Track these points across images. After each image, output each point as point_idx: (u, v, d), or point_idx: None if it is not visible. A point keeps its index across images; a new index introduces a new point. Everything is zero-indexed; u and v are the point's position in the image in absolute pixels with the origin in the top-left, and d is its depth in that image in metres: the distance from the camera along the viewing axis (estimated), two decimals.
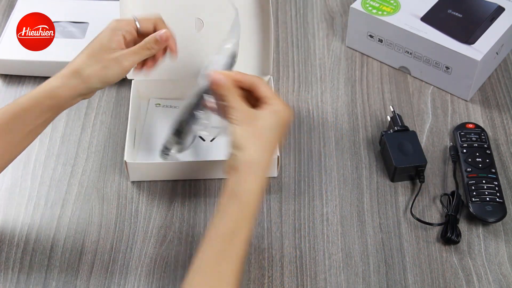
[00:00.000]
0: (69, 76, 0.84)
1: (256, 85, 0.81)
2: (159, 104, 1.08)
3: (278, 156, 0.97)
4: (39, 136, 1.05)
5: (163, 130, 1.04)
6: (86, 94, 0.86)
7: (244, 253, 0.76)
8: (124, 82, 1.09)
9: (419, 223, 0.95)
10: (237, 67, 0.95)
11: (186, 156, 0.99)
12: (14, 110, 0.83)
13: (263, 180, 0.78)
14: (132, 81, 1.06)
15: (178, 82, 1.07)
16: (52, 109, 0.85)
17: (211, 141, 1.03)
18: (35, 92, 0.84)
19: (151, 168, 0.99)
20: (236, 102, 0.79)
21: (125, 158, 0.96)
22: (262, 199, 0.79)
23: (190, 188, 0.99)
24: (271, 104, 0.79)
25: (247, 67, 1.06)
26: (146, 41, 0.85)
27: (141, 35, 0.88)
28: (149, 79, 1.06)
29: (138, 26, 0.86)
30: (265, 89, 0.81)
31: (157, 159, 0.99)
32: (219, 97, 0.81)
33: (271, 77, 1.07)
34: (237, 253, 0.75)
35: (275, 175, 1.00)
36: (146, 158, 1.01)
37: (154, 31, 0.88)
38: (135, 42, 0.88)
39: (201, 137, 1.03)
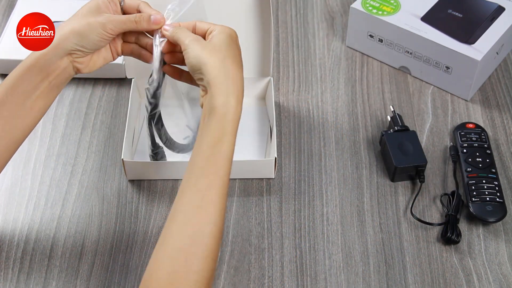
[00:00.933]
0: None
1: (195, 25, 0.85)
2: None
3: (275, 158, 0.97)
4: (39, 136, 1.05)
5: None
6: (72, 53, 0.83)
7: (227, 169, 0.75)
8: (124, 82, 1.09)
9: (419, 223, 0.95)
10: None
11: (182, 156, 0.99)
12: (6, 82, 0.82)
13: (237, 91, 0.78)
14: (132, 80, 1.06)
15: (177, 81, 1.07)
16: (40, 72, 0.82)
17: None
18: (23, 60, 0.83)
19: (148, 167, 0.98)
20: (187, 32, 0.82)
21: (122, 157, 0.96)
22: (239, 112, 0.78)
23: None
24: (215, 29, 0.82)
25: (246, 68, 1.05)
26: (138, 15, 0.85)
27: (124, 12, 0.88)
28: None
29: (122, 4, 0.86)
30: (204, 24, 0.84)
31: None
32: (174, 44, 0.84)
33: (271, 78, 1.07)
34: (218, 169, 0.74)
35: (273, 177, 1.00)
36: (144, 157, 1.01)
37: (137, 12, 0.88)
38: None
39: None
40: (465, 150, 1.01)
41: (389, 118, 1.05)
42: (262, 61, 1.06)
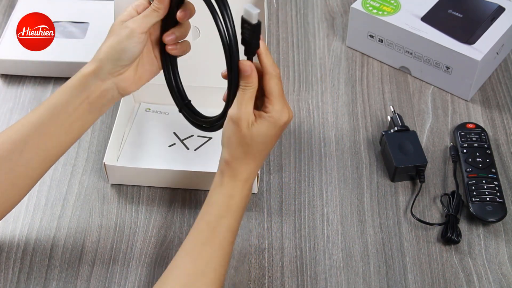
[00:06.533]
0: (91, 61, 0.83)
1: (266, 78, 0.77)
2: (149, 109, 1.08)
3: (257, 173, 0.95)
4: None
5: (149, 135, 1.03)
6: (113, 72, 0.82)
7: (230, 240, 0.79)
8: None
9: (419, 223, 0.95)
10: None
11: (168, 164, 0.99)
12: (49, 101, 0.82)
13: (246, 176, 0.80)
14: None
15: None
16: (80, 94, 0.82)
17: (195, 150, 1.02)
18: (68, 81, 0.83)
19: (131, 173, 0.97)
20: (247, 103, 0.77)
21: (104, 160, 0.96)
22: (245, 193, 0.80)
23: (190, 188, 0.99)
24: (270, 111, 0.77)
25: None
26: (153, 3, 0.82)
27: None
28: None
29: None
30: (272, 85, 0.77)
31: (138, 164, 0.99)
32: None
33: None
34: (221, 240, 0.78)
35: (255, 191, 0.99)
36: (127, 162, 1.00)
37: None
38: None
39: (185, 146, 1.03)
40: (465, 150, 1.01)
41: (389, 118, 1.05)
42: None
